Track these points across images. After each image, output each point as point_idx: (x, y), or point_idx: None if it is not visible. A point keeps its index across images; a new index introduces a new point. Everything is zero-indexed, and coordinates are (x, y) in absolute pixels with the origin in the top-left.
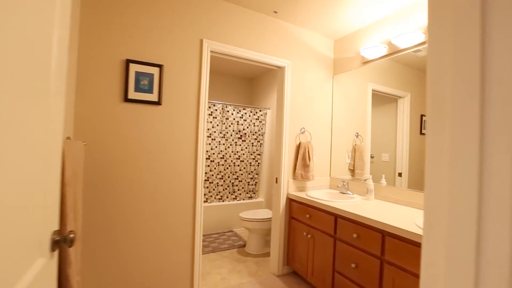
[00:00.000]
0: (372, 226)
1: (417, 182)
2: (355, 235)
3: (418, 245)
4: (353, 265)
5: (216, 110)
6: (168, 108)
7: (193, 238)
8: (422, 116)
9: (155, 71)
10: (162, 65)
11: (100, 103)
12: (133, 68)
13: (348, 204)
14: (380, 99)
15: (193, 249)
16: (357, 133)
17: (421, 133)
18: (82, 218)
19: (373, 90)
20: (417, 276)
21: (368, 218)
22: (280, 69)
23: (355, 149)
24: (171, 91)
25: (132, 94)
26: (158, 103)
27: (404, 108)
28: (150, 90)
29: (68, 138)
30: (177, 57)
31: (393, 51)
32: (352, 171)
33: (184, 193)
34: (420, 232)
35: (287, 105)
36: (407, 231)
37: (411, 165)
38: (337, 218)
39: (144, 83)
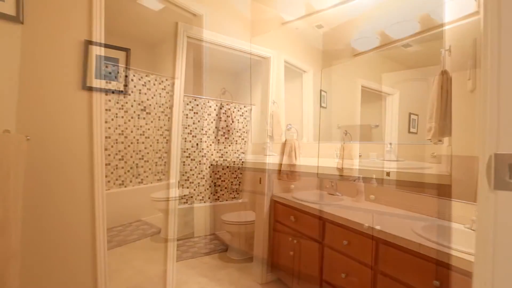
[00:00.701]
0: (364, 232)
1: (406, 183)
2: (345, 242)
3: (416, 254)
4: (343, 275)
5: (197, 105)
6: (136, 98)
7: (166, 243)
8: (410, 114)
9: (120, 55)
10: (129, 49)
11: (51, 91)
12: (94, 50)
13: (337, 207)
14: (369, 96)
15: (166, 256)
16: (345, 130)
17: (409, 131)
18: (22, 228)
19: (362, 86)
20: None
21: (359, 223)
22: (265, 59)
23: (343, 147)
24: (140, 79)
25: (93, 81)
26: (124, 92)
27: (393, 106)
28: (114, 77)
29: (7, 131)
30: (147, 40)
31: (386, 42)
32: (341, 170)
33: (159, 192)
34: (419, 240)
35: (272, 100)
36: (404, 239)
37: (399, 164)
38: (325, 222)
39: (107, 69)
